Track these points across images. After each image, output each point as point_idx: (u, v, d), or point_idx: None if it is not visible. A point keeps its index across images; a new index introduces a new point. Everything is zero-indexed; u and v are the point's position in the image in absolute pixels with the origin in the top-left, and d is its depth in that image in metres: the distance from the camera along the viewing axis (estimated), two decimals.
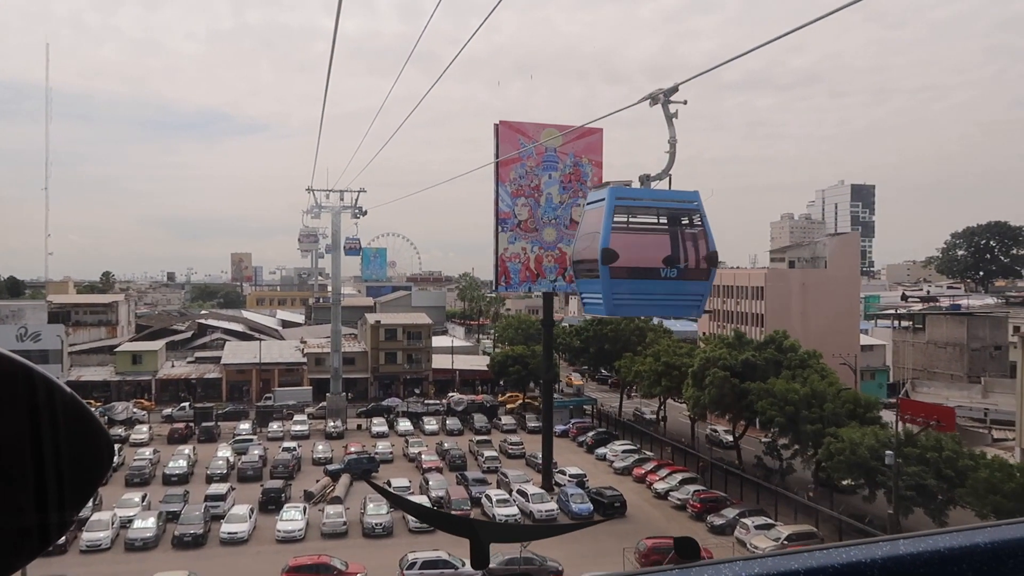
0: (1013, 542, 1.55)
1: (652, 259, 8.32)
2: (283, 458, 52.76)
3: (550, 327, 49.44)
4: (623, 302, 8.24)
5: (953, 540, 1.53)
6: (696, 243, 8.53)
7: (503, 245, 47.08)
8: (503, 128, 46.82)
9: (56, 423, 1.03)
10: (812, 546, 1.54)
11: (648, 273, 8.28)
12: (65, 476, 1.04)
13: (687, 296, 8.49)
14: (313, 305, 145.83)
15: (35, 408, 1.01)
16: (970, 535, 1.56)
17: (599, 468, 55.88)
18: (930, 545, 1.52)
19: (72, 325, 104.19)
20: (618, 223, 8.19)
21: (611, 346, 68.14)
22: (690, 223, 8.63)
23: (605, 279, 8.02)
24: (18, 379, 1.00)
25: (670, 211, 8.53)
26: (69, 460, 1.04)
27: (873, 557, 1.47)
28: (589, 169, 48.69)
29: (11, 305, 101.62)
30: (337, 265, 75.07)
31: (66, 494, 1.05)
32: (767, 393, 45.16)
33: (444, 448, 57.45)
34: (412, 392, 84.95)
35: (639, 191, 8.48)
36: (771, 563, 1.45)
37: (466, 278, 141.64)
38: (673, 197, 8.54)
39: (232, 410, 73.50)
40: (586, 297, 8.81)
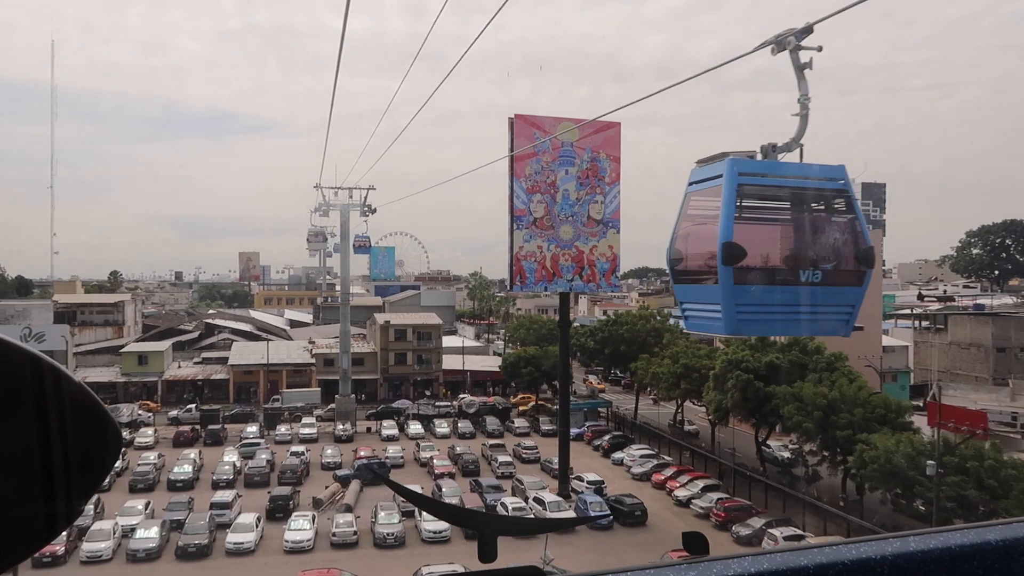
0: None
1: (789, 258, 6.38)
2: (291, 463, 51.26)
3: (566, 328, 47.76)
4: (751, 316, 6.24)
5: (964, 537, 1.51)
6: (845, 236, 6.59)
7: (518, 243, 45.41)
8: (518, 122, 45.15)
9: (63, 412, 1.03)
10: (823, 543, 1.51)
11: (783, 276, 6.33)
12: (72, 465, 1.05)
13: (834, 308, 6.47)
14: (321, 305, 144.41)
15: (42, 397, 1.02)
16: (981, 532, 1.54)
17: (616, 473, 54.19)
18: (941, 542, 1.50)
19: (78, 325, 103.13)
20: (741, 209, 6.19)
21: (627, 347, 66.39)
22: (836, 208, 6.70)
23: (727, 285, 6.02)
24: (26, 368, 1.00)
25: (810, 192, 6.59)
26: (76, 449, 1.05)
27: (883, 553, 1.45)
28: (607, 164, 46.96)
29: (16, 305, 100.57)
30: (346, 264, 73.60)
31: (73, 484, 1.05)
32: (793, 397, 43.38)
33: (456, 452, 55.87)
34: (422, 394, 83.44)
35: (766, 165, 6.42)
36: (780, 559, 1.43)
37: (476, 277, 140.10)
38: (813, 173, 6.58)
39: (239, 412, 72.11)
40: (691, 310, 6.84)
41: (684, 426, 63.11)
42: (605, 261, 47.21)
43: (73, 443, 1.04)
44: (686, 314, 6.93)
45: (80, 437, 1.05)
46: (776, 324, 6.63)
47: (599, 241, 46.90)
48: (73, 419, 1.04)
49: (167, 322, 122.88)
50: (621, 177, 47.31)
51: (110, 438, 1.10)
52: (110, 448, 1.11)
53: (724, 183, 6.16)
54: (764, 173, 6.45)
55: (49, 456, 1.02)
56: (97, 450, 1.09)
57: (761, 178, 6.46)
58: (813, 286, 6.21)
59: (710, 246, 6.13)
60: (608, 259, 47.27)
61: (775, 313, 6.36)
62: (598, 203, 46.80)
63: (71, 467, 1.04)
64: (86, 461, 1.07)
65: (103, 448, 1.09)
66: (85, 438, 1.07)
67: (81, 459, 1.06)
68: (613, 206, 47.15)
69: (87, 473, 1.07)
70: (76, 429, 1.04)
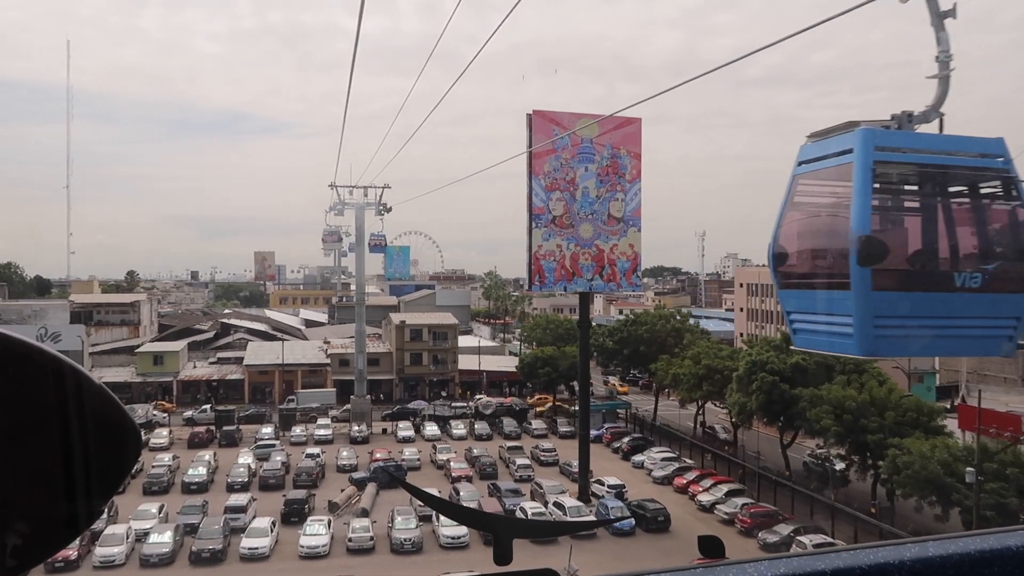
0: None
1: (939, 257, 5.09)
2: (306, 465, 50.55)
3: (586, 329, 46.70)
4: (892, 332, 4.91)
5: (983, 542, 1.50)
6: (1008, 227, 5.29)
7: (537, 242, 44.42)
8: (537, 118, 44.13)
9: (84, 414, 1.04)
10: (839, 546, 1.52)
11: (934, 281, 5.03)
12: (93, 467, 1.07)
13: (994, 321, 5.11)
14: (336, 304, 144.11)
15: (64, 399, 1.03)
16: (1001, 538, 1.52)
17: (636, 477, 53.08)
18: (960, 547, 1.48)
19: (94, 325, 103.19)
20: (879, 194, 4.91)
21: (646, 348, 65.25)
22: (995, 193, 5.28)
23: (862, 292, 4.70)
24: (47, 369, 1.02)
25: (963, 172, 5.25)
26: (97, 450, 1.07)
27: (901, 559, 1.44)
28: (628, 161, 45.88)
29: (33, 305, 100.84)
30: (361, 264, 72.89)
31: (94, 484, 1.07)
32: (820, 400, 42.12)
33: (474, 455, 54.97)
34: (438, 394, 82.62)
35: (907, 137, 5.08)
36: (797, 563, 1.43)
37: (491, 277, 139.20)
38: (966, 148, 5.19)
39: (254, 413, 71.60)
40: (805, 322, 5.53)
41: (717, 433, 61.07)
42: (626, 260, 46.16)
43: (94, 444, 1.05)
44: (795, 328, 5.76)
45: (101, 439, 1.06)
46: (921, 342, 5.24)
47: (619, 240, 45.85)
48: (94, 421, 1.06)
49: (183, 322, 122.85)
50: (642, 174, 46.21)
51: (130, 440, 1.12)
52: (130, 450, 1.13)
53: (856, 160, 4.87)
54: (906, 148, 5.17)
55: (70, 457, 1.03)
56: (117, 452, 1.10)
57: (902, 154, 5.18)
58: (971, 293, 4.92)
59: (832, 241, 4.92)
60: (629, 258, 46.22)
61: (921, 328, 5.03)
62: (618, 201, 45.74)
63: (92, 468, 1.06)
64: (106, 462, 1.07)
65: (123, 450, 1.11)
66: (106, 440, 1.07)
67: (102, 460, 1.06)
68: (634, 204, 46.07)
69: (108, 474, 1.08)
70: (97, 431, 1.06)
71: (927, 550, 1.49)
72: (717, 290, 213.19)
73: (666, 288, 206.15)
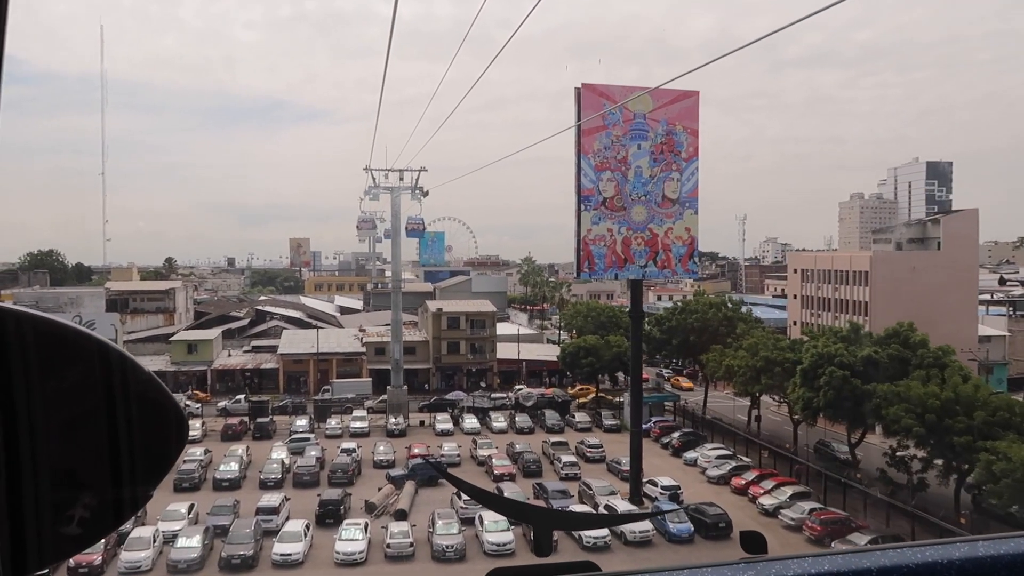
0: None
1: None
2: (342, 462, 48.27)
3: (640, 320, 43.45)
4: None
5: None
6: None
7: (586, 226, 41.21)
8: (586, 92, 40.79)
9: (130, 400, 1.06)
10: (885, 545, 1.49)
11: None
12: (140, 451, 1.08)
13: None
14: (371, 291, 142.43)
15: (111, 385, 1.05)
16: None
17: (689, 476, 49.93)
18: (1012, 548, 1.44)
19: (130, 312, 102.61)
20: None
21: (696, 337, 61.74)
22: None
23: None
24: (94, 356, 1.04)
25: None
26: (144, 435, 1.09)
27: (950, 558, 1.41)
28: (684, 138, 42.37)
29: (69, 292, 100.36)
30: (397, 250, 70.36)
31: (141, 470, 1.09)
32: (898, 397, 38.47)
33: (516, 450, 52.22)
34: (477, 384, 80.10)
35: None
36: (842, 560, 1.40)
37: (528, 262, 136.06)
38: None
39: (288, 403, 69.78)
40: None
41: (835, 451, 49.98)
42: (681, 244, 42.78)
43: (140, 430, 1.07)
44: None
45: (147, 424, 1.08)
46: None
47: (675, 223, 42.46)
48: (140, 406, 1.07)
49: (218, 309, 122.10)
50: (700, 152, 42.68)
51: (176, 426, 1.13)
52: (176, 436, 1.14)
53: None
54: None
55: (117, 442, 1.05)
56: (164, 437, 1.11)
57: None
58: None
59: None
60: (685, 242, 42.83)
61: None
62: (674, 181, 42.31)
63: (138, 453, 1.07)
64: (153, 448, 1.09)
65: (169, 436, 1.12)
66: (152, 425, 1.08)
67: (148, 446, 1.08)
68: (690, 184, 42.61)
69: (154, 459, 1.10)
70: (143, 416, 1.07)
71: (977, 549, 1.43)
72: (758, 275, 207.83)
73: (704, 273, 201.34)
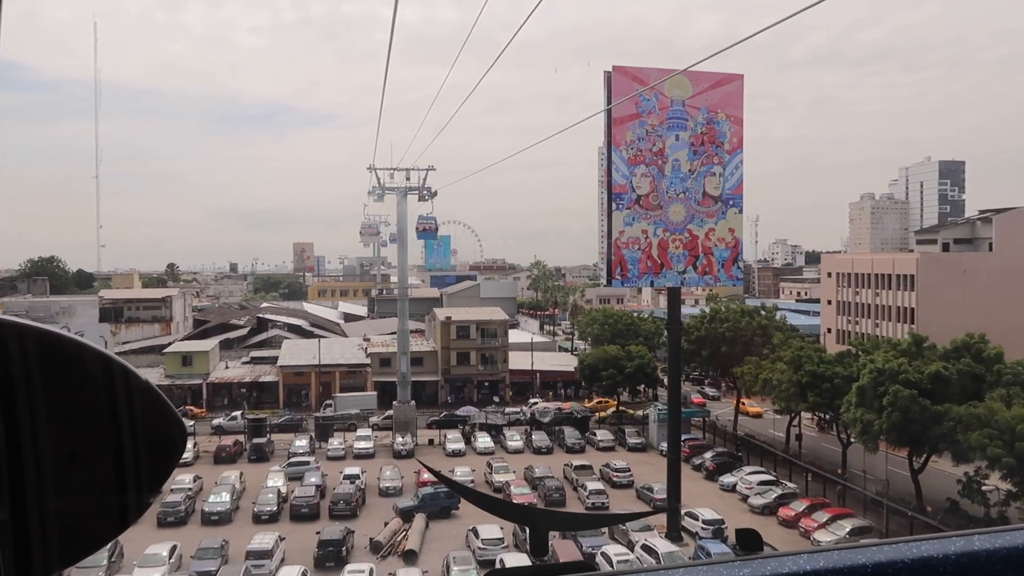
0: None
1: None
2: (345, 491, 43.57)
3: (678, 331, 38.67)
4: None
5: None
6: None
7: (618, 227, 36.46)
8: (617, 76, 36.05)
9: (132, 409, 1.11)
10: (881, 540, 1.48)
11: None
12: (142, 459, 1.13)
13: None
14: (376, 297, 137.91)
15: (114, 395, 1.09)
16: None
17: (728, 503, 45.10)
18: (1008, 541, 1.44)
19: (124, 322, 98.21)
20: None
21: (728, 348, 56.88)
22: None
23: None
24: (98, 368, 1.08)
25: None
26: (145, 444, 1.13)
27: (946, 552, 1.41)
28: (727, 127, 37.63)
29: (62, 301, 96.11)
30: (404, 256, 65.63)
31: (143, 477, 1.13)
32: (979, 421, 33.58)
33: (536, 475, 47.51)
34: (488, 398, 75.39)
35: None
36: (838, 556, 1.40)
37: (539, 267, 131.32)
38: None
39: (288, 420, 65.19)
40: None
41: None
42: (724, 248, 38.00)
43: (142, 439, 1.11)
44: None
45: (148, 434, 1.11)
46: None
47: (717, 223, 37.70)
48: (142, 416, 1.11)
49: (218, 316, 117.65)
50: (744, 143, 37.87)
51: (176, 433, 1.17)
52: (176, 443, 1.17)
53: None
54: None
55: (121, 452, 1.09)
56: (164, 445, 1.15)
57: None
58: None
59: None
60: (728, 245, 38.05)
61: None
62: (715, 176, 37.57)
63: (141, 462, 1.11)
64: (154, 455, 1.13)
65: (170, 443, 1.16)
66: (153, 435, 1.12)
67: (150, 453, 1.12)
68: (734, 179, 37.84)
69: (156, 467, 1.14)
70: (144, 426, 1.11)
71: (973, 544, 1.43)
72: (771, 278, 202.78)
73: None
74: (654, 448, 57.73)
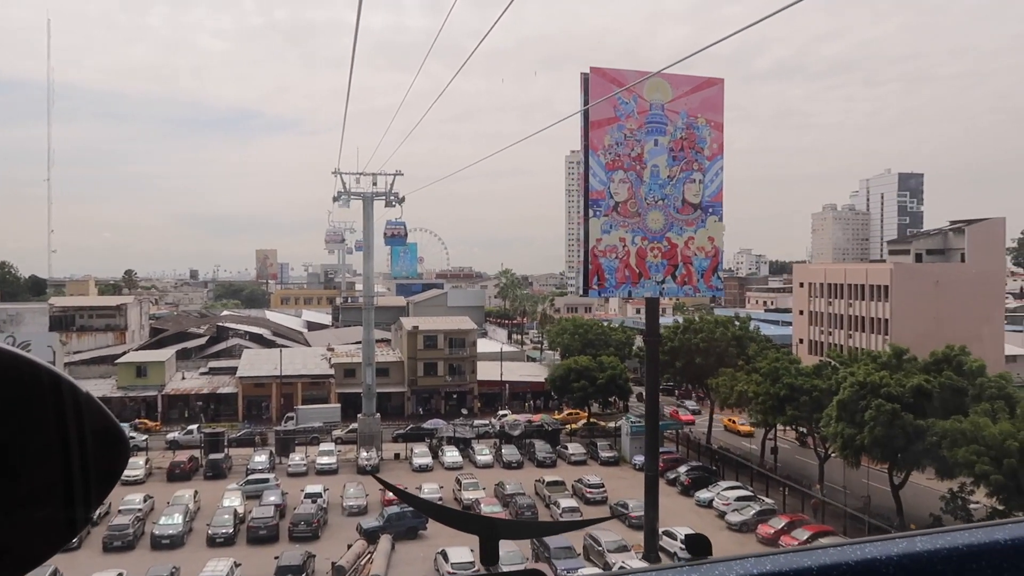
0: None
1: None
2: (306, 511, 41.30)
3: (657, 343, 37.23)
4: None
5: (972, 537, 1.50)
6: None
7: (595, 235, 34.96)
8: (595, 77, 34.64)
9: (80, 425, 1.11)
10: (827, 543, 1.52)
11: None
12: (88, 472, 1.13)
13: None
14: (341, 305, 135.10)
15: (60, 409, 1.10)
16: (990, 531, 1.53)
17: (705, 520, 43.79)
18: (948, 542, 1.48)
19: (76, 331, 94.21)
20: None
21: (703, 359, 55.77)
22: None
23: None
24: (30, 378, 1.08)
25: None
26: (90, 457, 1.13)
27: (889, 554, 1.44)
28: (707, 132, 36.42)
29: (9, 309, 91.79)
30: (369, 264, 63.44)
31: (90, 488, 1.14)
32: (965, 436, 32.69)
33: (507, 492, 45.70)
34: (456, 409, 73.46)
35: None
36: (784, 560, 1.43)
37: (507, 275, 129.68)
38: None
39: (247, 434, 62.48)
40: None
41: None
42: (704, 256, 36.71)
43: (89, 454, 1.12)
44: None
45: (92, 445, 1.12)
46: None
47: (696, 231, 36.42)
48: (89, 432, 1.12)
49: (176, 325, 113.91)
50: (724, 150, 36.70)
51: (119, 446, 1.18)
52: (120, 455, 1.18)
53: None
54: None
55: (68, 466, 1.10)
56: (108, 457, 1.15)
57: None
58: None
59: None
60: (708, 254, 36.76)
61: None
62: (695, 182, 36.30)
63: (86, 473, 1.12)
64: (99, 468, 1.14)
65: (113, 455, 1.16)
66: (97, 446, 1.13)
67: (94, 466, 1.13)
68: (714, 186, 36.62)
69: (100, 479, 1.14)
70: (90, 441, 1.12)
71: (915, 545, 1.47)
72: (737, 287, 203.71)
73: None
74: (627, 462, 56.35)
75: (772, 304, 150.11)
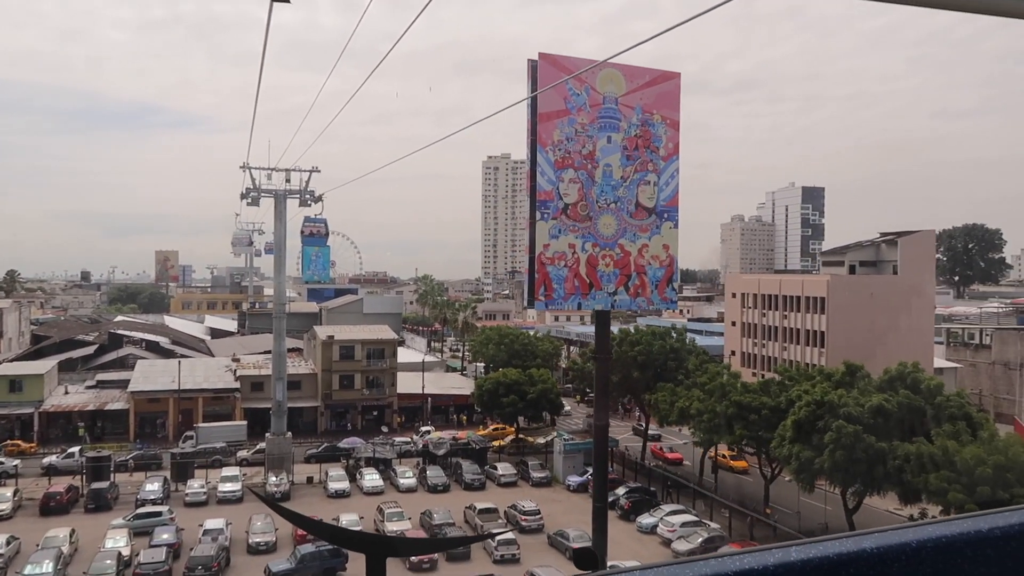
0: (897, 547, 1.58)
1: None
2: (204, 551, 35.89)
3: (607, 360, 33.91)
4: None
5: (842, 546, 1.56)
6: None
7: (542, 240, 31.35)
8: (544, 64, 31.07)
9: None
10: (707, 555, 1.55)
11: None
12: None
13: None
14: (248, 311, 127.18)
15: None
16: (858, 540, 1.59)
17: (648, 548, 40.89)
18: (820, 551, 1.55)
19: None
20: None
21: (640, 373, 53.02)
22: None
23: None
24: None
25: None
26: None
27: (765, 564, 1.50)
28: (663, 130, 33.41)
29: None
30: (281, 269, 57.86)
31: None
32: (933, 462, 30.70)
33: (434, 523, 41.47)
34: (376, 426, 68.56)
35: None
36: (666, 572, 1.47)
37: (426, 280, 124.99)
38: None
39: (139, 457, 55.87)
40: None
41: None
42: (658, 266, 33.67)
43: None
44: None
45: None
46: None
47: (650, 238, 33.35)
48: None
49: (62, 331, 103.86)
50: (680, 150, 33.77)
51: None
52: None
53: None
54: None
55: None
56: None
57: None
58: None
59: None
60: (662, 263, 33.75)
61: None
62: (650, 184, 33.26)
63: None
64: None
65: None
66: None
67: None
68: (670, 189, 33.68)
69: None
70: None
71: (790, 555, 1.52)
72: None
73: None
74: (560, 482, 53.07)
75: (689, 313, 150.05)
